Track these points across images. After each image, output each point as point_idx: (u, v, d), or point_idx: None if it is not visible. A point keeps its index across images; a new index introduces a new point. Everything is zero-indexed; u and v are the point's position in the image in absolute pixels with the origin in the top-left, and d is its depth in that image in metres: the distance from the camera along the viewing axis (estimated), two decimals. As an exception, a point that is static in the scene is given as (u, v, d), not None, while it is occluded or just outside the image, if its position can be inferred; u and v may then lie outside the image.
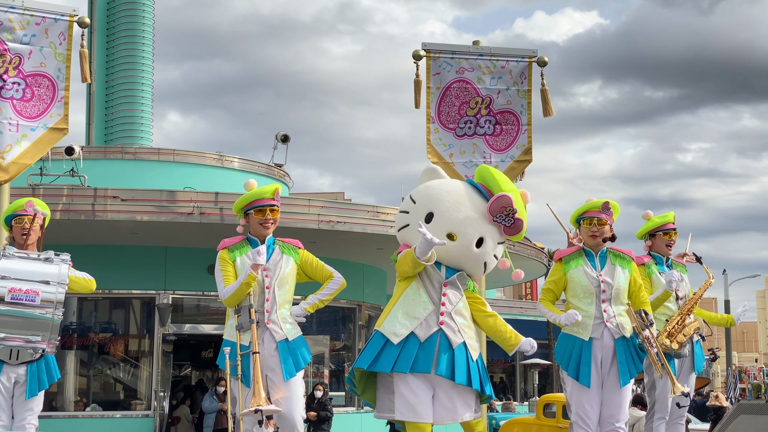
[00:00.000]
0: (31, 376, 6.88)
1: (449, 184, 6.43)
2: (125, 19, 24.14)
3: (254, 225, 6.68)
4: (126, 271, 17.40)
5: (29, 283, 6.67)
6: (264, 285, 6.55)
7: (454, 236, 6.16)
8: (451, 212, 6.19)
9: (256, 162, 21.69)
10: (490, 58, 9.36)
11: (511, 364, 33.72)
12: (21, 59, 8.28)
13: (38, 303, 6.67)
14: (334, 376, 20.15)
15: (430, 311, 6.17)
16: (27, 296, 6.64)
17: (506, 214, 6.18)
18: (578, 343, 6.95)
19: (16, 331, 6.68)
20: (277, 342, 6.51)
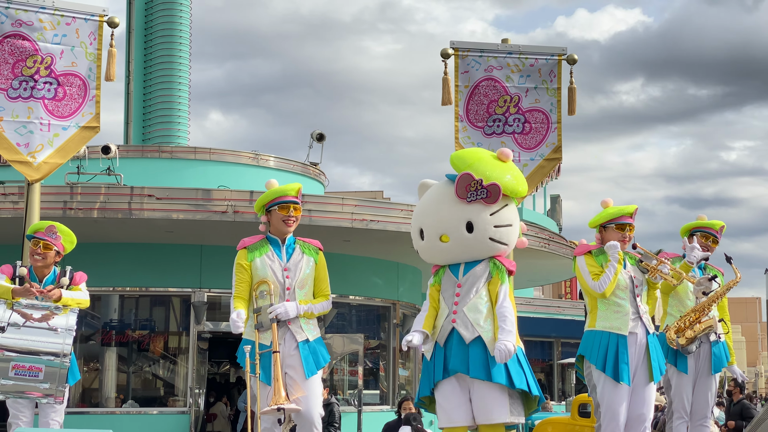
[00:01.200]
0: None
1: (429, 191, 6.32)
2: (162, 19, 24.32)
3: (276, 222, 6.62)
4: (162, 269, 17.54)
5: (32, 360, 6.75)
6: (285, 286, 6.53)
7: (445, 237, 6.09)
8: (433, 217, 6.14)
9: (292, 161, 21.75)
10: (519, 56, 9.33)
11: (549, 364, 33.56)
12: (53, 59, 8.39)
13: (41, 378, 6.77)
14: (370, 374, 20.19)
15: (446, 313, 6.13)
16: (30, 372, 6.75)
17: (474, 189, 5.99)
18: (613, 339, 6.89)
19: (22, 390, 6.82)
20: (298, 342, 6.51)
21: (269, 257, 6.56)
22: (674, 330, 7.76)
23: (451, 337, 6.07)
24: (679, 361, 7.87)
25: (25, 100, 8.28)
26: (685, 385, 7.88)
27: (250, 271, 6.52)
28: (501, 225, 6.09)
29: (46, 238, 7.02)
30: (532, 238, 18.25)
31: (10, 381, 6.71)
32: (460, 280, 6.11)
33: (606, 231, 7.07)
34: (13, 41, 8.24)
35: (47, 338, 6.80)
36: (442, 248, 6.10)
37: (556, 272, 23.10)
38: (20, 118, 8.27)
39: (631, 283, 6.97)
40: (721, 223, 8.22)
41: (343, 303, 19.05)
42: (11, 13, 8.22)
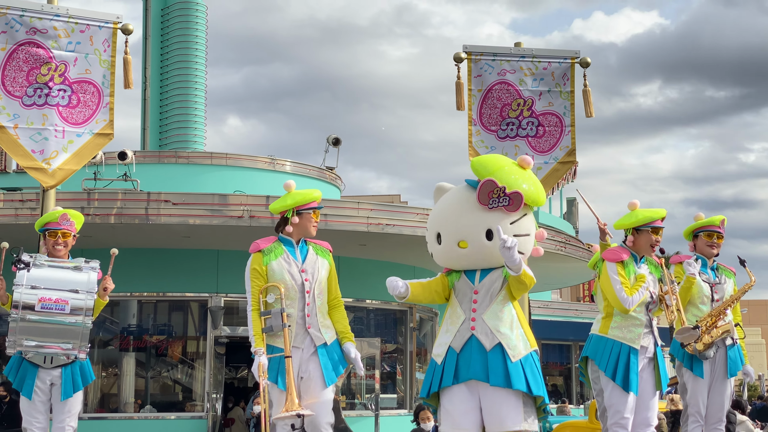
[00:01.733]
0: (65, 378, 7.00)
1: (447, 196, 6.27)
2: (179, 25, 24.43)
3: (306, 225, 6.62)
4: (179, 274, 17.60)
5: (58, 293, 6.81)
6: (304, 289, 6.51)
7: (463, 243, 6.02)
8: (452, 222, 6.07)
9: (308, 165, 21.79)
10: (532, 59, 9.33)
11: (567, 367, 33.45)
12: (66, 66, 8.43)
13: (68, 311, 6.80)
14: (388, 378, 20.19)
15: (462, 320, 6.05)
16: (57, 305, 6.78)
17: (497, 196, 5.95)
18: (625, 349, 6.92)
19: (49, 339, 6.83)
20: (316, 346, 6.47)
21: (285, 259, 6.54)
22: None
23: (469, 344, 6.00)
24: (695, 366, 7.85)
25: (39, 107, 8.33)
26: (701, 389, 7.85)
27: (265, 276, 6.50)
28: (520, 234, 6.03)
29: (62, 227, 7.11)
30: (549, 242, 18.21)
31: (34, 316, 6.72)
32: (477, 286, 6.05)
33: (640, 234, 7.08)
34: (28, 49, 8.29)
35: (73, 278, 6.90)
36: (460, 254, 6.04)
37: (572, 275, 23.04)
38: (35, 125, 8.32)
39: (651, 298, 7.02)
40: (721, 217, 8.17)
41: (359, 307, 19.06)
42: (26, 21, 8.27)
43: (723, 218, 8.17)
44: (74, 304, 6.83)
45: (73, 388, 7.03)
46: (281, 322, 6.31)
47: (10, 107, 8.24)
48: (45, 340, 6.81)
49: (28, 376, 6.95)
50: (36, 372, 6.95)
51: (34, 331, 6.77)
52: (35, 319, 6.75)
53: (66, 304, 6.80)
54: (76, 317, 6.83)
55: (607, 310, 7.07)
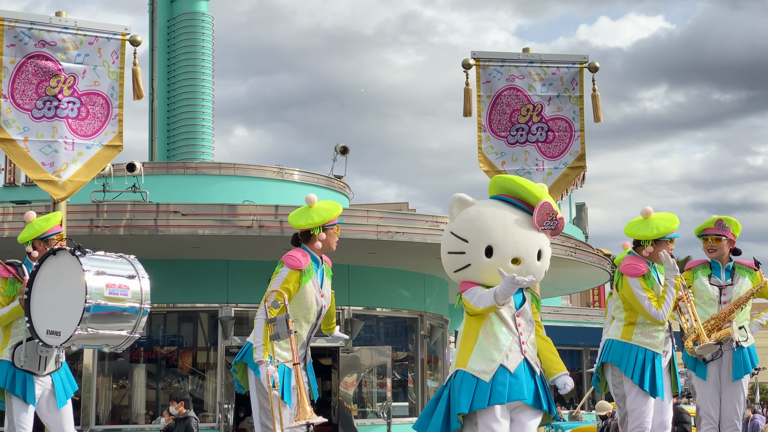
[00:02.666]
0: (57, 384, 7.03)
1: (488, 210, 6.20)
2: (185, 36, 24.48)
3: (331, 240, 6.68)
4: (189, 284, 17.60)
5: (120, 279, 6.78)
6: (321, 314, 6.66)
7: (518, 260, 6.00)
8: (507, 238, 6.03)
9: (316, 174, 21.79)
10: (541, 65, 9.31)
11: (578, 373, 33.37)
12: (75, 78, 8.44)
13: (129, 296, 6.78)
14: (399, 386, 20.15)
15: (511, 341, 6.00)
16: (121, 291, 6.74)
17: (550, 219, 6.08)
18: (650, 355, 6.96)
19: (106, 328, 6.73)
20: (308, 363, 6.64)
21: (314, 282, 6.60)
22: (692, 339, 7.71)
23: (521, 366, 5.98)
24: (698, 368, 7.84)
25: (49, 119, 8.33)
26: (708, 391, 7.82)
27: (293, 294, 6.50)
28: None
29: (61, 230, 7.24)
30: (559, 247, 18.17)
31: (103, 302, 6.64)
32: (519, 310, 6.05)
33: (658, 244, 7.12)
34: (37, 62, 8.30)
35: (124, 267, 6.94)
36: (510, 270, 5.96)
37: (583, 281, 22.99)
38: (45, 137, 8.33)
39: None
40: (714, 218, 8.12)
41: (370, 315, 19.04)
42: (34, 34, 8.28)
43: (716, 219, 8.13)
44: (134, 289, 6.83)
45: (65, 394, 7.06)
46: (287, 328, 6.26)
47: (19, 120, 8.25)
48: (106, 328, 6.72)
49: (28, 383, 6.91)
50: (32, 379, 6.92)
51: (102, 318, 6.67)
52: (106, 305, 6.67)
53: (128, 290, 6.78)
54: (137, 303, 6.83)
55: (629, 318, 7.05)
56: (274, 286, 6.51)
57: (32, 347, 6.95)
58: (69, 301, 6.62)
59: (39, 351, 6.97)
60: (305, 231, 6.66)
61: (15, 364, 6.91)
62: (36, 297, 6.76)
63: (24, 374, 6.92)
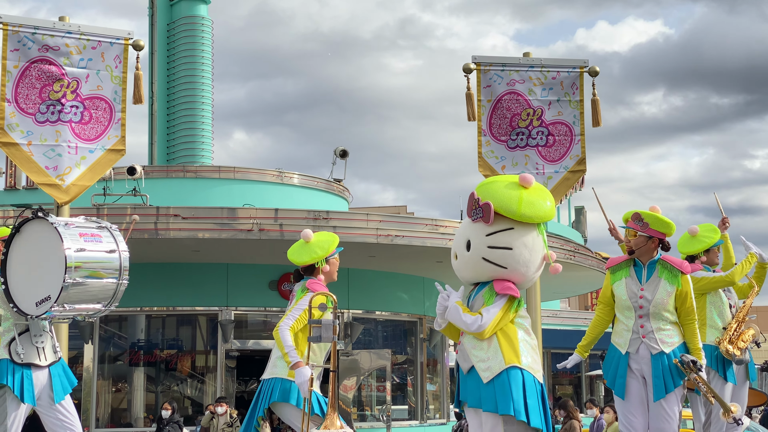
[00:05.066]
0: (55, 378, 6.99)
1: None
2: (185, 40, 24.51)
3: (334, 270, 6.85)
4: (189, 288, 17.62)
5: (90, 229, 6.77)
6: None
7: (456, 255, 6.12)
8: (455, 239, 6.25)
9: (316, 177, 21.82)
10: (541, 69, 9.34)
11: (577, 376, 33.40)
12: (78, 83, 8.46)
13: (104, 242, 6.72)
14: (398, 389, 20.17)
15: (465, 341, 5.97)
16: (94, 238, 6.70)
17: (474, 208, 6.03)
18: (616, 354, 6.96)
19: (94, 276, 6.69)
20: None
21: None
22: (727, 341, 7.86)
23: (457, 366, 6.05)
24: (729, 372, 7.91)
25: (52, 123, 8.36)
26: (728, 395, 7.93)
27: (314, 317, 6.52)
28: (496, 246, 5.95)
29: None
30: (558, 251, 18.21)
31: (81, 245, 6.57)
32: (469, 304, 6.00)
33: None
34: (40, 66, 8.33)
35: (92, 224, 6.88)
36: (455, 266, 6.14)
37: (581, 284, 23.03)
38: (48, 141, 8.35)
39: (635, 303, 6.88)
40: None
41: (369, 319, 19.06)
42: (38, 39, 8.31)
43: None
44: (106, 238, 6.77)
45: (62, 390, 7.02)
46: (332, 334, 6.29)
47: (23, 124, 8.28)
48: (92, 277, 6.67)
49: (26, 382, 6.86)
50: (30, 374, 6.87)
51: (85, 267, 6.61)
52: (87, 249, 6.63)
53: (100, 237, 6.73)
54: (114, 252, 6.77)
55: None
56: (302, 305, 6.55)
57: (26, 339, 6.90)
58: (49, 264, 6.59)
59: (33, 342, 6.92)
60: (308, 266, 6.81)
61: (14, 359, 6.86)
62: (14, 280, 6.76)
63: (22, 371, 6.87)
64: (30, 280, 6.73)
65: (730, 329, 7.90)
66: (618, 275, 7.02)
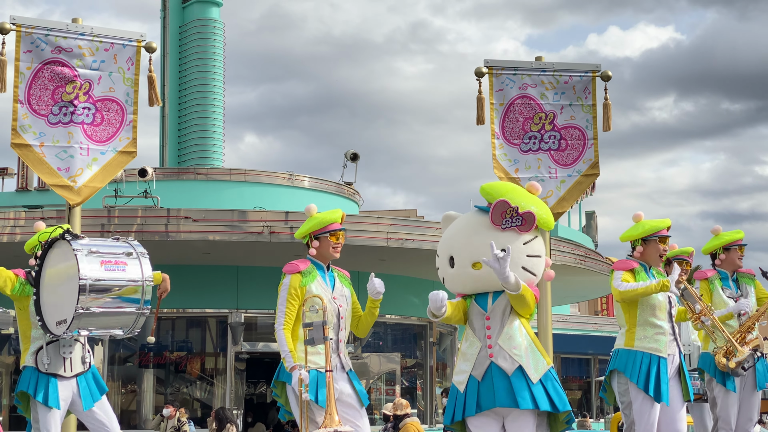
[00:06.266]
0: (83, 387, 6.98)
1: (457, 221, 6.26)
2: (197, 43, 24.57)
3: (326, 249, 6.68)
4: (199, 290, 17.63)
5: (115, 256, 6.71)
6: (339, 314, 6.60)
7: (478, 265, 5.97)
8: (464, 244, 6.03)
9: (326, 180, 21.84)
10: (553, 73, 9.31)
11: (587, 381, 33.34)
12: (91, 85, 8.46)
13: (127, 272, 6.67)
14: (407, 393, 20.15)
15: (479, 348, 6.00)
16: (118, 266, 6.65)
17: (510, 216, 5.97)
18: (654, 360, 6.92)
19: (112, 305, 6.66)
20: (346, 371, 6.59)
21: (321, 284, 6.61)
22: (723, 353, 7.76)
23: (489, 372, 5.94)
24: (728, 381, 7.86)
25: (65, 125, 8.36)
26: (732, 403, 7.89)
27: (302, 298, 6.54)
28: (533, 255, 6.01)
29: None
30: (568, 255, 18.18)
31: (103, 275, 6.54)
32: (488, 312, 6.00)
33: (648, 244, 7.15)
34: (53, 68, 8.32)
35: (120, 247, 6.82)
36: (474, 276, 6.00)
37: (592, 289, 22.98)
38: (60, 143, 8.35)
39: (668, 304, 7.00)
40: (738, 230, 8.31)
41: (379, 322, 19.05)
42: (51, 40, 8.31)
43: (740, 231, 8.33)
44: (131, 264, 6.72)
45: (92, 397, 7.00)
46: (323, 334, 6.26)
47: (36, 126, 8.27)
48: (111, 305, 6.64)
49: (51, 387, 6.85)
50: (56, 382, 6.88)
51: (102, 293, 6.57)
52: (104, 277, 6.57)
53: (125, 266, 6.68)
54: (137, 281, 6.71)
55: (629, 322, 7.06)
56: (282, 296, 6.54)
57: (54, 349, 6.93)
58: (68, 288, 6.56)
59: (61, 352, 6.95)
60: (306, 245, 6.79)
61: (39, 368, 6.88)
62: (44, 295, 6.77)
63: (47, 378, 6.87)
64: (55, 298, 6.73)
65: (731, 340, 7.79)
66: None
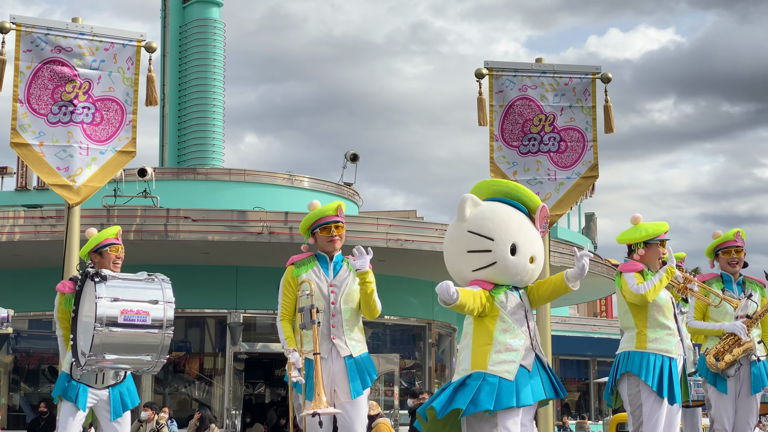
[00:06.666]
0: (114, 397, 6.99)
1: (505, 211, 6.32)
2: (197, 43, 24.56)
3: (322, 243, 6.70)
4: (198, 290, 17.62)
5: (139, 304, 6.72)
6: (330, 300, 6.57)
7: (533, 259, 6.17)
8: (526, 237, 6.21)
9: (326, 181, 21.84)
10: (553, 75, 9.32)
11: (585, 383, 33.31)
12: (91, 84, 8.46)
13: (149, 323, 6.73)
14: (406, 394, 20.14)
15: (525, 339, 6.08)
16: (138, 317, 6.68)
17: (547, 222, 6.37)
18: (666, 361, 6.90)
19: (125, 354, 6.75)
20: (344, 357, 6.52)
21: (315, 273, 6.62)
22: (713, 354, 7.73)
23: (536, 363, 6.07)
24: (719, 382, 7.83)
25: (64, 124, 8.36)
26: (725, 405, 7.83)
27: (296, 288, 6.59)
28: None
29: (120, 242, 7.24)
30: (567, 257, 18.17)
31: (118, 329, 6.60)
32: (527, 306, 6.18)
33: (649, 248, 7.12)
34: (53, 67, 8.33)
35: (149, 289, 6.82)
36: (528, 269, 6.15)
37: (591, 291, 22.98)
38: (60, 142, 8.36)
39: (674, 306, 7.01)
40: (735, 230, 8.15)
41: (378, 323, 19.05)
42: (51, 40, 8.31)
43: (737, 231, 8.14)
44: (155, 315, 6.75)
45: (122, 408, 7.02)
46: (310, 318, 6.34)
47: (35, 125, 8.28)
48: (124, 355, 6.72)
49: (81, 391, 6.91)
50: (87, 390, 6.92)
51: (116, 346, 6.66)
52: (118, 332, 6.63)
53: (147, 315, 6.71)
54: (157, 329, 6.75)
55: (640, 326, 7.02)
56: (280, 290, 6.64)
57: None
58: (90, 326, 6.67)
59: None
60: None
61: (73, 376, 6.94)
62: (81, 318, 6.85)
63: (79, 385, 6.93)
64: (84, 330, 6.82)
65: (724, 341, 7.75)
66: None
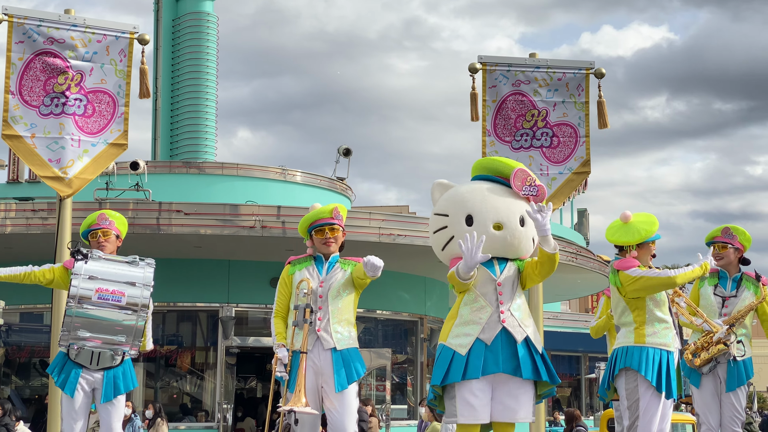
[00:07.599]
0: (107, 380, 6.94)
1: (465, 186, 6.47)
2: (190, 36, 24.49)
3: (318, 244, 6.78)
4: (190, 284, 17.61)
5: (115, 284, 6.75)
6: (318, 294, 6.62)
7: (500, 226, 6.14)
8: (486, 205, 6.18)
9: (319, 176, 21.83)
10: (547, 70, 9.32)
11: (576, 379, 33.38)
12: (83, 76, 8.45)
13: (124, 304, 6.75)
14: (398, 389, 20.16)
15: (490, 313, 6.13)
16: (113, 296, 6.71)
17: (529, 184, 6.28)
18: (665, 356, 6.88)
19: (103, 333, 6.77)
20: (329, 350, 6.54)
21: (309, 271, 6.70)
22: (690, 351, 7.77)
23: (498, 337, 6.10)
24: (692, 377, 7.88)
25: (56, 116, 8.35)
26: (704, 400, 7.85)
27: (290, 286, 6.68)
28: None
29: (101, 225, 7.21)
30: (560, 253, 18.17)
31: (92, 307, 6.65)
32: (499, 278, 6.16)
33: (642, 247, 7.07)
34: (45, 59, 8.31)
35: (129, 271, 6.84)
36: (494, 236, 6.11)
37: (583, 286, 23.01)
38: (52, 134, 8.34)
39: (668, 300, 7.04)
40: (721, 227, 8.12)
41: (370, 318, 19.05)
42: (43, 31, 8.30)
43: (725, 226, 8.12)
44: (130, 297, 6.78)
45: (114, 392, 6.95)
46: (303, 317, 6.44)
47: (27, 117, 8.26)
48: (98, 334, 6.74)
49: (72, 375, 6.88)
50: (80, 372, 6.89)
51: (89, 323, 6.70)
52: (92, 310, 6.68)
53: (122, 296, 6.74)
54: (131, 311, 6.78)
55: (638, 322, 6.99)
56: (277, 288, 6.77)
57: None
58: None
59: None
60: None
61: (69, 356, 6.91)
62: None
63: (73, 366, 6.89)
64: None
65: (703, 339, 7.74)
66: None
